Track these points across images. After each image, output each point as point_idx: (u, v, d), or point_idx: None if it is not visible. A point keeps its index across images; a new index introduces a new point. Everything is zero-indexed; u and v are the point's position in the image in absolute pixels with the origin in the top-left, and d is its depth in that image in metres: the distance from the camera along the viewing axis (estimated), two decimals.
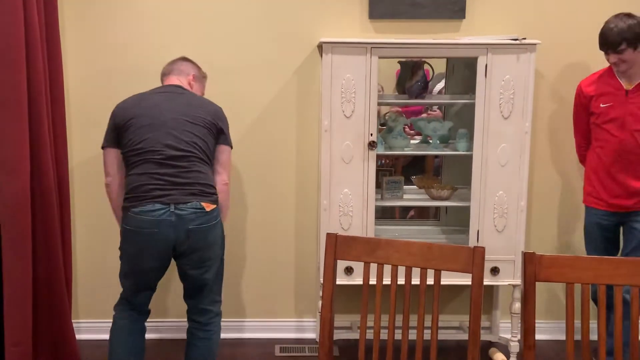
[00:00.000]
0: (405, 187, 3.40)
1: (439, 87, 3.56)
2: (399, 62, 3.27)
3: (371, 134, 3.03)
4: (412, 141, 3.47)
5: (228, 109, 3.38)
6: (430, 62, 3.27)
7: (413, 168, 3.75)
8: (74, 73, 3.32)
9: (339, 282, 2.98)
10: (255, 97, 3.39)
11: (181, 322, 3.34)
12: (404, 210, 3.77)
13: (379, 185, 3.23)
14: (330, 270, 1.93)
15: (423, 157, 3.73)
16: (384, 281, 1.87)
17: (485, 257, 1.82)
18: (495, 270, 3.13)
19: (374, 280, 1.89)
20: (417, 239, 2.80)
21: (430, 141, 3.34)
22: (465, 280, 1.87)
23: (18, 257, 2.71)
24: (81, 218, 3.42)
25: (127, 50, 3.32)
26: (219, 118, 2.64)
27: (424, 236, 3.41)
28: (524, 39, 3.03)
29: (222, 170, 2.63)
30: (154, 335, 3.42)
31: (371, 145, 3.04)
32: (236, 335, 3.57)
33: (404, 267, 1.87)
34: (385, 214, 3.64)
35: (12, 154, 2.66)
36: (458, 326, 3.60)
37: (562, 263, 1.78)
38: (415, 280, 1.84)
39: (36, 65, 2.75)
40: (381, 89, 3.40)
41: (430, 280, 1.84)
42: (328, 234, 1.94)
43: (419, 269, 1.86)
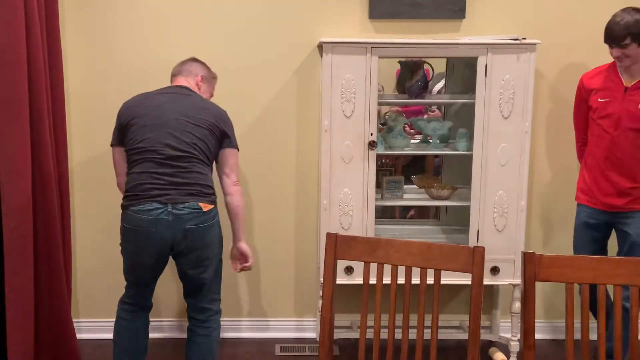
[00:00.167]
0: (405, 186, 3.40)
1: (438, 87, 3.56)
2: (399, 61, 3.27)
3: (371, 134, 3.04)
4: (412, 141, 3.48)
5: (228, 109, 3.38)
6: (430, 62, 3.27)
7: (413, 168, 3.75)
8: (74, 73, 3.33)
9: (339, 281, 2.98)
10: (256, 97, 3.40)
11: (182, 322, 3.35)
12: (404, 209, 3.78)
13: (379, 184, 3.24)
14: (330, 270, 1.93)
15: (423, 157, 3.74)
16: (384, 281, 1.88)
17: (485, 256, 1.83)
18: (495, 270, 3.13)
19: (374, 280, 1.89)
20: (417, 238, 2.81)
21: (430, 141, 3.34)
22: (465, 279, 1.87)
23: (20, 257, 2.71)
24: (81, 218, 3.43)
25: (127, 50, 3.32)
26: (223, 121, 2.64)
27: (424, 236, 3.41)
28: (524, 38, 3.03)
29: (230, 172, 2.63)
30: (155, 335, 3.42)
31: (371, 145, 3.04)
32: (237, 334, 3.57)
33: (404, 267, 1.87)
34: (385, 214, 3.64)
35: (14, 154, 2.66)
36: (458, 325, 3.60)
37: (562, 263, 1.78)
38: (415, 280, 1.84)
39: (37, 66, 2.75)
40: (381, 88, 3.41)
41: (430, 279, 1.84)
42: (328, 234, 1.94)
43: (419, 269, 1.87)
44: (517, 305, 3.16)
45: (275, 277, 3.56)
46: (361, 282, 1.98)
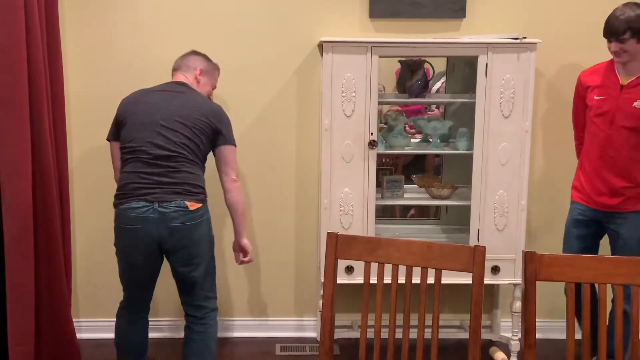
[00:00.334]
0: (405, 186, 3.40)
1: (437, 87, 3.56)
2: (399, 61, 3.27)
3: (371, 133, 3.03)
4: (413, 140, 3.47)
5: (228, 109, 3.38)
6: (430, 61, 3.27)
7: (413, 167, 3.75)
8: (74, 73, 3.33)
9: (340, 281, 2.97)
10: (256, 96, 3.39)
11: (181, 321, 3.34)
12: (405, 209, 3.77)
13: (379, 184, 3.23)
14: (330, 270, 1.93)
15: (423, 156, 3.74)
16: (385, 280, 1.87)
17: (485, 256, 1.83)
18: (495, 269, 3.13)
19: (375, 280, 1.89)
20: (418, 238, 2.80)
21: (431, 140, 3.34)
22: (466, 279, 1.87)
23: (21, 257, 2.71)
24: (81, 217, 3.43)
25: (127, 49, 3.32)
26: (216, 118, 2.62)
27: (425, 235, 3.41)
28: (524, 38, 3.03)
29: (227, 169, 2.64)
30: (154, 335, 3.42)
31: (371, 144, 3.04)
32: (237, 334, 3.57)
33: (405, 266, 1.87)
34: (385, 213, 3.64)
35: (14, 154, 2.66)
36: (459, 325, 3.61)
37: (562, 262, 1.78)
38: (416, 280, 1.84)
39: (37, 66, 2.75)
40: (382, 88, 3.41)
41: (430, 279, 1.84)
42: (328, 233, 1.94)
43: (420, 268, 1.86)
44: (518, 304, 3.16)
45: (276, 277, 3.56)
46: (362, 282, 1.98)
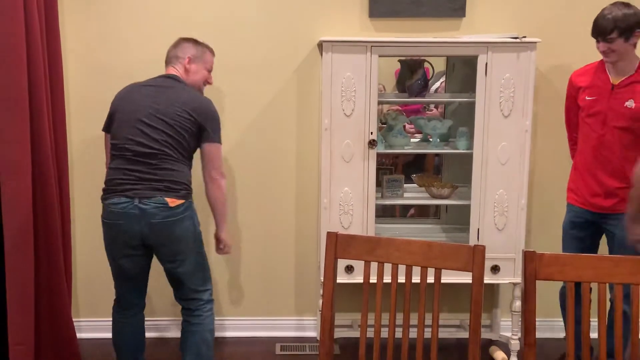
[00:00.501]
0: (405, 185, 3.40)
1: (436, 86, 3.56)
2: (398, 60, 3.26)
3: (371, 133, 3.03)
4: (412, 140, 3.47)
5: (228, 108, 3.38)
6: (429, 60, 3.26)
7: (413, 166, 3.75)
8: (74, 71, 3.32)
9: (340, 280, 2.98)
10: (256, 96, 3.39)
11: (179, 320, 3.34)
12: (404, 208, 3.77)
13: (379, 183, 3.23)
14: (330, 269, 1.93)
15: (423, 156, 3.74)
16: (385, 280, 1.87)
17: (485, 255, 1.83)
18: (495, 269, 3.13)
19: (375, 279, 1.89)
20: (418, 237, 2.80)
21: (431, 139, 3.34)
22: (466, 278, 1.87)
23: (20, 256, 2.72)
24: (81, 216, 3.42)
25: (127, 48, 3.32)
26: (201, 115, 2.61)
27: (424, 235, 3.41)
28: (524, 37, 3.02)
29: (209, 166, 2.65)
30: (152, 334, 3.43)
31: (371, 143, 3.04)
32: (237, 333, 3.57)
33: (405, 266, 1.87)
34: (385, 213, 3.64)
35: (14, 152, 2.67)
36: (459, 324, 3.60)
37: (562, 261, 1.78)
38: (416, 279, 1.83)
39: (36, 64, 2.75)
40: (383, 88, 3.40)
41: (430, 278, 1.84)
42: (328, 233, 1.94)
43: (420, 268, 1.86)
44: (518, 303, 3.16)
45: (276, 276, 3.55)
46: (361, 281, 1.98)
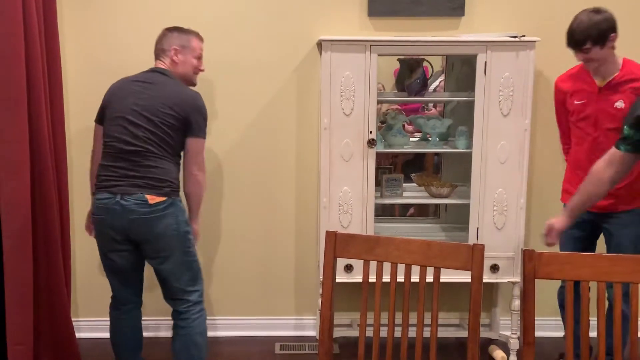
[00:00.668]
0: (404, 184, 3.40)
1: (434, 85, 3.56)
2: (398, 59, 3.26)
3: (370, 132, 3.03)
4: (412, 139, 3.47)
5: (227, 108, 3.38)
6: (428, 59, 3.26)
7: (413, 166, 3.75)
8: (72, 70, 3.32)
9: (339, 279, 2.98)
10: (255, 95, 3.39)
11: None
12: (404, 207, 3.78)
13: (378, 183, 3.23)
14: (329, 268, 1.93)
15: (423, 155, 3.74)
16: (384, 279, 1.88)
17: (484, 254, 1.83)
18: (494, 268, 3.13)
19: (374, 278, 1.89)
20: (417, 236, 2.81)
21: (430, 139, 3.34)
22: (465, 277, 1.87)
23: (19, 256, 2.71)
24: (79, 216, 3.40)
25: (126, 47, 3.31)
26: (185, 109, 2.60)
27: (424, 234, 3.41)
28: (523, 36, 3.02)
29: (190, 161, 2.66)
30: (151, 334, 3.42)
31: (371, 143, 3.04)
32: (236, 333, 3.57)
33: (404, 265, 1.87)
34: (385, 212, 3.64)
35: (12, 152, 2.66)
36: (458, 323, 3.61)
37: (561, 260, 1.78)
38: (415, 278, 1.84)
39: (35, 64, 2.75)
40: (382, 87, 3.40)
41: (429, 277, 1.84)
42: (327, 232, 1.94)
43: (419, 267, 1.86)
44: (517, 302, 3.16)
45: (275, 276, 3.55)
46: (361, 280, 1.98)
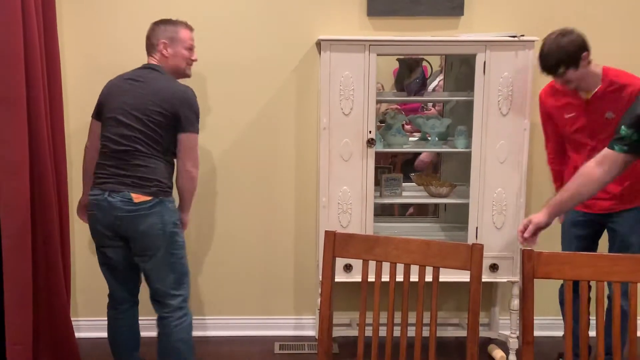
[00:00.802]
0: (404, 184, 3.40)
1: (434, 85, 3.56)
2: (397, 59, 3.26)
3: (370, 132, 3.03)
4: (411, 138, 3.47)
5: (227, 107, 3.37)
6: (427, 59, 3.26)
7: (412, 165, 3.75)
8: (72, 70, 3.32)
9: (338, 279, 2.98)
10: (254, 95, 3.39)
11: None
12: (403, 207, 3.78)
13: (377, 182, 3.23)
14: (329, 268, 1.93)
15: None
16: (383, 278, 1.88)
17: (484, 254, 1.83)
18: (494, 267, 3.13)
19: (373, 278, 1.89)
20: (416, 236, 2.80)
21: (429, 138, 3.34)
22: (464, 277, 1.87)
23: (19, 256, 2.71)
24: None
25: (125, 47, 3.31)
26: (173, 104, 2.60)
27: (423, 233, 3.41)
28: (522, 35, 3.02)
29: (183, 156, 2.66)
30: (149, 333, 3.42)
31: (370, 142, 3.04)
32: (236, 332, 3.57)
33: (403, 264, 1.87)
34: (384, 211, 3.64)
35: (12, 152, 2.66)
36: (457, 323, 3.61)
37: (560, 260, 1.78)
38: (414, 277, 1.84)
39: (34, 64, 2.75)
40: (381, 87, 3.40)
41: (429, 277, 1.84)
42: (326, 232, 1.94)
43: (418, 266, 1.86)
44: (516, 302, 3.17)
45: (274, 275, 3.56)
46: (360, 280, 1.98)
